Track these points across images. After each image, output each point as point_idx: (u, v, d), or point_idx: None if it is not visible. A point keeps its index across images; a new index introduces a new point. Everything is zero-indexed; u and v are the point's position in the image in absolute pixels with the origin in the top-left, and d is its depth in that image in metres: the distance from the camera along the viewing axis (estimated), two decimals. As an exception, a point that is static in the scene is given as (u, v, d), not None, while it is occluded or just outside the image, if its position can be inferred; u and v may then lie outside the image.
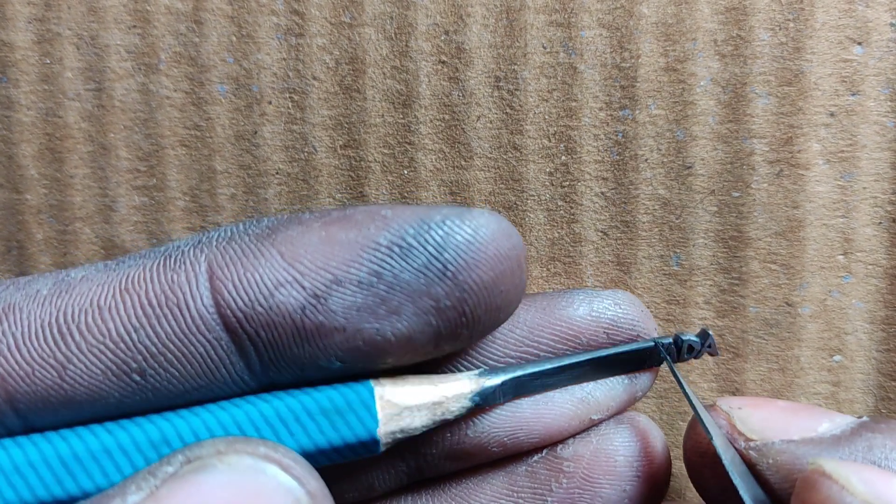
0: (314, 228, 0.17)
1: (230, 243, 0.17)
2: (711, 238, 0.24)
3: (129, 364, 0.16)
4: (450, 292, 0.16)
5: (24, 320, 0.16)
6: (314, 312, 0.16)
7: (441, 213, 0.17)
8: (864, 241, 0.24)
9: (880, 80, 0.23)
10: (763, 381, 0.25)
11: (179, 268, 0.17)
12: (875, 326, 0.24)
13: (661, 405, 0.25)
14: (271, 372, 0.17)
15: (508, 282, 0.17)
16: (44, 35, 0.24)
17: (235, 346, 0.17)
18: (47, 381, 0.16)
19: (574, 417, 0.20)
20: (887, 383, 0.25)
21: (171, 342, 0.16)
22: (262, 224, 0.18)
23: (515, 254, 0.17)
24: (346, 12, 0.24)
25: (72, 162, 0.25)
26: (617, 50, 0.24)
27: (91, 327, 0.16)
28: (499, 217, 0.17)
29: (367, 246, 0.16)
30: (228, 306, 0.16)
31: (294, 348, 0.17)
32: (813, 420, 0.19)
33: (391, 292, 0.16)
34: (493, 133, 0.24)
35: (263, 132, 0.24)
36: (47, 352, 0.16)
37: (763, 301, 0.24)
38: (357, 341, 0.17)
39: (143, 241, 0.25)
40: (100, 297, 0.16)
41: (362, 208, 0.17)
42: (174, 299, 0.16)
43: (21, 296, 0.17)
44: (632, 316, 0.20)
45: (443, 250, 0.16)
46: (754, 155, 0.24)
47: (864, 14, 0.23)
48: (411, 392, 0.18)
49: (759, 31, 0.23)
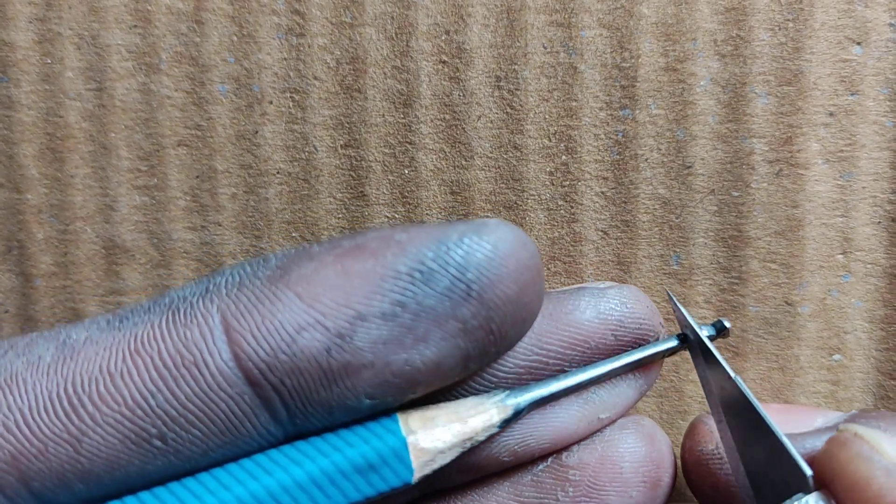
0: (328, 263, 0.16)
1: (241, 290, 0.16)
2: (711, 237, 0.24)
3: (148, 431, 0.15)
4: (476, 312, 0.16)
5: (30, 392, 0.15)
6: (340, 352, 0.16)
7: (457, 231, 0.16)
8: (863, 240, 0.24)
9: (879, 80, 0.23)
10: (763, 380, 0.25)
11: (191, 322, 0.16)
12: (874, 325, 0.24)
13: (660, 404, 0.25)
14: (298, 420, 0.16)
15: (531, 292, 0.17)
16: (45, 35, 0.24)
17: (259, 399, 0.16)
18: (62, 457, 0.15)
19: (582, 419, 0.19)
20: (886, 382, 0.25)
21: (192, 403, 0.15)
22: (270, 264, 0.17)
23: (535, 263, 0.17)
24: (347, 12, 0.24)
25: (72, 161, 0.25)
26: (617, 50, 0.24)
27: (104, 396, 0.15)
28: (513, 227, 0.17)
29: (386, 276, 0.16)
30: (250, 358, 0.15)
31: (322, 391, 0.16)
32: (808, 417, 0.20)
33: (417, 320, 0.16)
34: (493, 133, 0.24)
35: (264, 132, 0.24)
36: (59, 426, 0.15)
37: (763, 300, 0.24)
38: (386, 375, 0.16)
39: (144, 240, 0.25)
40: (109, 362, 0.15)
41: (373, 234, 0.17)
42: (190, 358, 0.15)
43: (22, 364, 0.16)
44: (638, 314, 0.20)
45: (465, 270, 0.16)
46: (754, 154, 0.24)
47: (863, 14, 0.23)
48: (442, 435, 0.17)
49: (758, 31, 0.23)
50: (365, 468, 0.16)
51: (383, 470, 0.17)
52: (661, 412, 0.25)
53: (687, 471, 0.21)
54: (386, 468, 0.17)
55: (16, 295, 0.25)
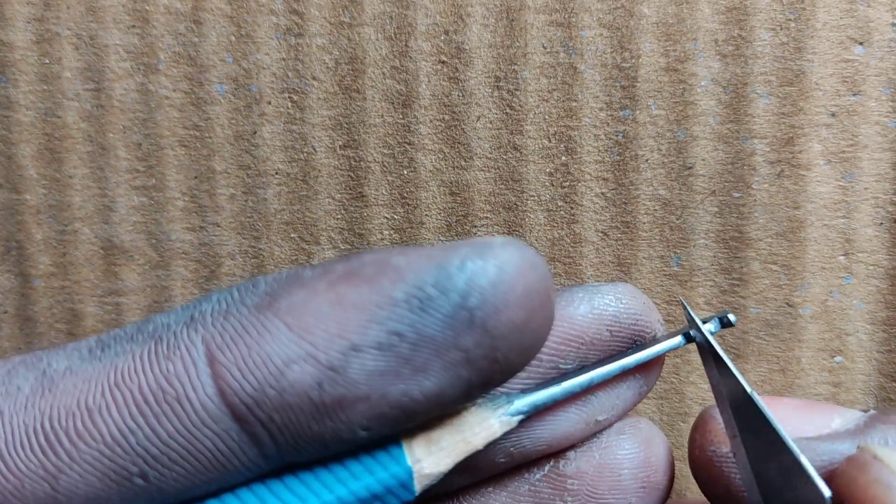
0: (320, 290, 0.15)
1: (227, 318, 0.15)
2: (712, 239, 0.24)
3: (128, 468, 0.15)
4: (480, 341, 0.15)
5: (7, 426, 0.15)
6: (333, 385, 0.14)
7: (459, 255, 0.15)
8: (865, 241, 0.24)
9: (882, 81, 0.23)
10: (764, 382, 0.25)
11: (174, 354, 0.15)
12: (876, 327, 0.24)
13: (661, 406, 0.25)
14: (288, 455, 0.15)
15: (539, 317, 0.15)
16: (43, 35, 0.24)
17: (247, 435, 0.15)
18: (39, 494, 0.14)
19: (580, 421, 0.19)
20: (888, 384, 0.25)
21: (175, 440, 0.15)
22: (259, 290, 0.16)
23: (544, 285, 0.15)
24: (346, 12, 0.24)
25: (71, 162, 0.25)
26: (617, 50, 0.24)
27: (82, 432, 0.14)
28: (520, 246, 0.15)
29: (382, 303, 0.15)
30: (235, 393, 0.14)
31: (314, 426, 0.15)
32: (825, 416, 0.19)
33: (415, 350, 0.15)
34: (492, 133, 0.24)
35: (263, 132, 0.24)
36: (35, 462, 0.14)
37: (764, 302, 0.24)
38: (383, 407, 0.15)
39: (143, 241, 0.25)
40: (87, 396, 0.15)
41: (369, 258, 0.15)
42: (173, 393, 0.14)
43: (0, 395, 0.15)
44: (633, 310, 0.19)
45: (467, 297, 0.15)
46: (755, 155, 0.24)
47: (865, 14, 0.23)
48: (447, 457, 0.17)
49: (760, 30, 0.23)
50: (369, 500, 0.16)
51: (388, 499, 0.16)
52: (662, 414, 0.25)
53: (697, 469, 0.20)
54: (391, 497, 0.16)
55: (15, 295, 0.25)
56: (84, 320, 0.25)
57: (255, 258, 0.25)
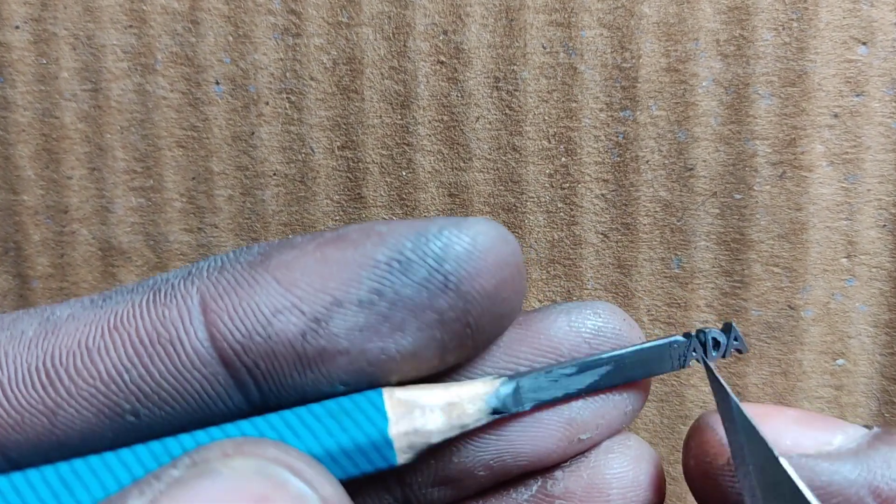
0: (308, 251, 0.16)
1: (222, 273, 0.16)
2: (713, 240, 0.24)
3: (122, 406, 0.16)
4: (453, 304, 0.16)
5: (11, 365, 0.16)
6: (315, 337, 0.16)
7: (437, 225, 0.16)
8: (867, 243, 0.24)
9: (885, 81, 0.23)
10: (765, 384, 0.24)
11: (170, 302, 0.16)
12: (878, 330, 0.24)
13: (661, 409, 0.25)
14: (270, 402, 0.17)
15: (510, 288, 0.17)
16: (40, 35, 0.24)
17: (233, 380, 0.16)
18: (38, 428, 0.15)
19: (562, 438, 0.19)
20: (890, 387, 0.24)
21: (166, 380, 0.16)
22: (253, 251, 0.17)
23: (515, 260, 0.17)
24: (344, 12, 0.24)
25: (68, 163, 0.25)
26: (618, 50, 0.23)
27: (80, 370, 0.15)
28: (495, 224, 0.17)
29: (365, 264, 0.16)
30: (225, 339, 0.16)
31: (296, 376, 0.16)
32: (827, 432, 0.19)
33: (393, 309, 0.16)
34: (492, 134, 0.24)
35: (260, 133, 0.24)
36: (36, 398, 0.15)
37: (765, 304, 0.24)
38: (361, 363, 0.16)
39: (140, 242, 0.25)
40: (87, 337, 0.16)
41: (355, 227, 0.17)
42: (167, 335, 0.16)
43: (5, 337, 0.16)
44: (613, 325, 0.19)
45: (443, 262, 0.16)
46: (757, 156, 0.23)
47: (868, 14, 0.23)
48: (422, 393, 0.17)
49: (762, 30, 0.23)
50: (338, 412, 0.16)
51: (356, 415, 0.16)
52: (662, 417, 0.25)
53: (691, 479, 0.20)
54: (359, 413, 0.16)
55: (13, 297, 0.25)
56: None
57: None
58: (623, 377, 0.19)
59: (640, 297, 0.24)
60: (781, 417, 0.19)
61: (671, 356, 0.19)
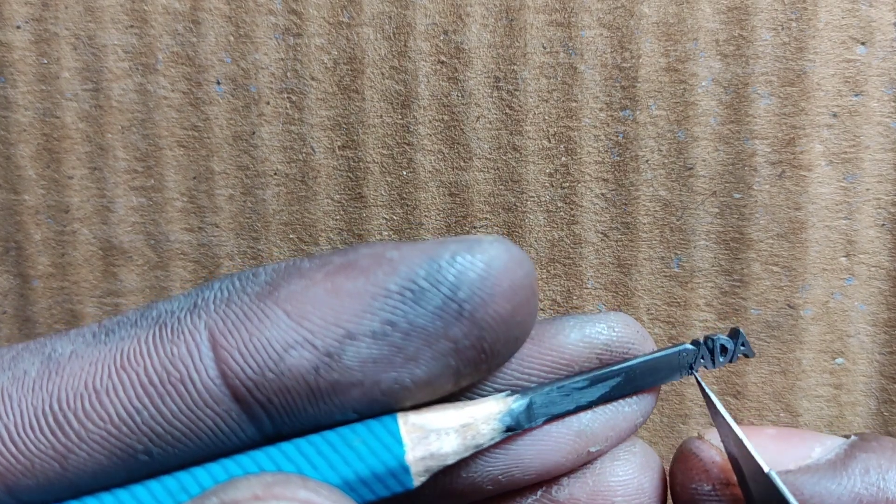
0: (318, 280, 0.16)
1: (230, 305, 0.16)
2: (713, 240, 0.24)
3: (134, 447, 0.15)
4: (468, 332, 0.16)
5: (16, 409, 0.15)
6: (329, 371, 0.15)
7: (450, 250, 0.16)
8: (866, 243, 0.24)
9: (884, 81, 0.23)
10: (764, 383, 0.24)
11: (178, 338, 0.15)
12: (877, 329, 0.24)
13: (661, 408, 0.25)
14: (283, 432, 0.16)
15: (524, 311, 0.16)
16: (41, 35, 0.24)
17: (246, 415, 0.16)
18: (49, 473, 0.15)
19: (571, 451, 0.19)
20: (890, 386, 0.24)
21: (178, 419, 0.15)
22: (259, 279, 0.16)
23: (529, 282, 0.16)
24: (345, 12, 0.24)
25: (69, 162, 0.25)
26: (617, 50, 0.23)
27: (89, 413, 0.15)
28: (508, 244, 0.16)
29: (377, 294, 0.15)
30: (237, 376, 0.15)
31: (309, 409, 0.16)
32: (805, 446, 0.19)
33: (407, 339, 0.16)
34: (492, 134, 0.24)
35: (261, 133, 0.24)
36: (45, 443, 0.15)
37: (765, 303, 0.24)
38: (375, 393, 0.16)
39: (141, 241, 0.25)
40: (94, 378, 0.15)
41: (364, 251, 0.16)
42: (177, 374, 0.15)
43: (7, 378, 0.16)
44: (626, 338, 0.19)
45: (457, 289, 0.16)
46: (756, 156, 0.24)
47: (867, 14, 0.23)
48: (436, 416, 0.17)
49: (761, 30, 0.23)
50: (354, 440, 0.16)
51: (373, 443, 0.16)
52: (662, 416, 0.25)
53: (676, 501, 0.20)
54: (375, 441, 0.16)
55: (14, 296, 0.25)
56: (83, 321, 0.25)
57: (253, 259, 0.25)
58: (633, 387, 0.19)
59: (639, 296, 0.24)
60: (760, 436, 0.19)
61: (680, 364, 0.19)
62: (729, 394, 0.25)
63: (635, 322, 0.20)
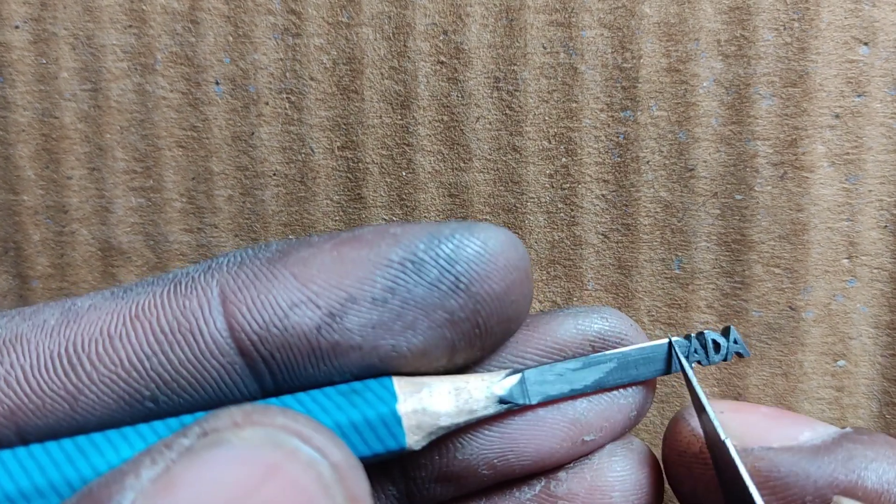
0: (325, 249, 0.17)
1: (241, 268, 0.17)
2: (714, 241, 0.24)
3: (141, 392, 0.16)
4: (463, 304, 0.17)
5: (33, 351, 0.16)
6: (330, 331, 0.16)
7: (449, 228, 0.17)
8: (869, 244, 0.24)
9: (887, 82, 0.23)
10: (766, 385, 0.24)
11: (191, 293, 0.16)
12: (880, 331, 0.24)
13: (661, 409, 0.25)
14: (283, 390, 0.17)
15: (518, 291, 0.17)
16: (40, 35, 0.24)
17: (249, 370, 0.16)
18: (58, 413, 0.16)
19: (566, 438, 0.19)
20: (892, 388, 0.24)
21: (185, 368, 0.16)
22: (271, 248, 0.17)
23: (524, 265, 0.17)
24: (344, 12, 0.24)
25: (68, 163, 0.25)
26: (618, 50, 0.23)
27: (102, 357, 0.16)
28: (505, 230, 0.17)
29: (379, 263, 0.16)
30: (243, 329, 0.16)
31: (309, 368, 0.17)
32: (795, 428, 0.19)
33: (405, 307, 0.16)
34: (492, 134, 0.24)
35: (260, 133, 0.24)
36: (58, 383, 0.16)
37: (766, 305, 0.24)
38: (373, 358, 0.17)
39: (140, 242, 0.25)
40: (110, 325, 0.16)
41: (370, 228, 0.17)
42: (187, 325, 0.16)
43: (28, 326, 0.16)
44: (619, 329, 0.20)
45: (454, 263, 0.16)
46: (758, 157, 0.23)
47: (870, 14, 0.23)
48: (431, 378, 0.18)
49: (763, 31, 0.23)
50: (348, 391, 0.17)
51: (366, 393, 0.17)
52: (663, 418, 0.25)
53: (667, 466, 0.21)
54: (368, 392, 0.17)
55: (12, 297, 0.25)
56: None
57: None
58: (626, 376, 0.19)
59: (640, 298, 0.24)
60: (753, 412, 0.20)
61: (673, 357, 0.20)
62: (730, 396, 0.25)
63: (629, 319, 0.20)
